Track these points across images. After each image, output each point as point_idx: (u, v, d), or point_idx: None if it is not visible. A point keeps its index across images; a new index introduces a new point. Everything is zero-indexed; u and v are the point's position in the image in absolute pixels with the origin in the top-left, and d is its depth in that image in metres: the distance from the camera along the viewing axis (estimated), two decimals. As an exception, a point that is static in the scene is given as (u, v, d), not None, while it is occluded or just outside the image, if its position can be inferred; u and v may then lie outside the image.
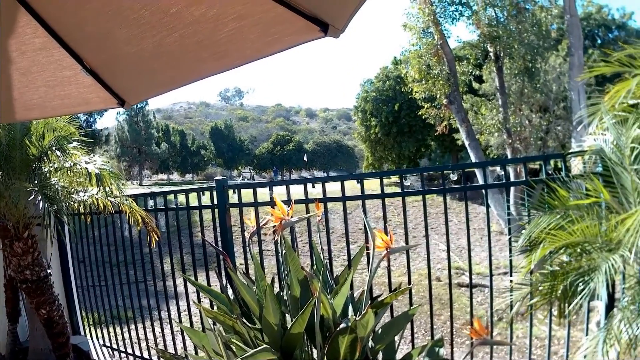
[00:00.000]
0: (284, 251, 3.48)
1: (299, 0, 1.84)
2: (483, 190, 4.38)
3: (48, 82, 2.85)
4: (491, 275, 4.23)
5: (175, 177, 79.47)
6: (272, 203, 4.26)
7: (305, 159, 74.24)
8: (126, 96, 2.94)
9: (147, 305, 6.05)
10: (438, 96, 15.59)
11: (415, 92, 16.37)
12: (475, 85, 19.27)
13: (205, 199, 4.94)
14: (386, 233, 3.56)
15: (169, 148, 68.32)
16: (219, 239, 4.82)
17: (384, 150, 33.98)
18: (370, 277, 3.34)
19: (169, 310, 5.46)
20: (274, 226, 3.30)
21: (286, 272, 3.49)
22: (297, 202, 4.35)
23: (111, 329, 6.14)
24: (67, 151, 4.40)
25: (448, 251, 4.20)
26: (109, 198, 4.62)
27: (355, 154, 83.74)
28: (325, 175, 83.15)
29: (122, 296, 6.13)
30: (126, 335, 6.10)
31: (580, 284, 3.37)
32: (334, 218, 17.85)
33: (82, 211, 4.87)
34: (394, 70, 33.91)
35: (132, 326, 5.98)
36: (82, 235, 6.04)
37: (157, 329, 5.93)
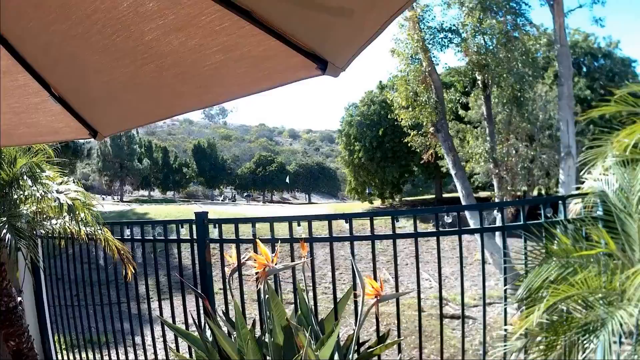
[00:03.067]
0: (266, 295, 3.25)
1: (295, 33, 1.57)
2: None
3: (13, 108, 2.59)
4: (485, 310, 4.02)
5: (157, 193, 78.84)
6: (254, 241, 4.02)
7: (287, 180, 74.11)
8: (99, 127, 2.69)
9: (127, 328, 5.74)
10: (424, 124, 15.43)
11: (402, 119, 16.19)
12: (461, 112, 19.16)
13: (185, 232, 4.67)
14: (375, 277, 3.33)
15: (151, 164, 67.87)
16: (197, 274, 4.54)
17: (367, 174, 33.78)
18: (358, 327, 3.15)
19: (143, 337, 5.17)
20: (256, 272, 3.06)
21: (269, 315, 3.27)
22: (282, 240, 4.12)
23: (84, 355, 5.82)
24: (39, 179, 4.11)
25: (440, 305, 3.97)
26: (81, 228, 4.33)
27: (337, 176, 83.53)
28: (307, 198, 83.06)
29: (96, 319, 5.77)
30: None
31: (585, 342, 3.16)
32: (317, 251, 17.57)
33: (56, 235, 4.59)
34: (379, 95, 33.84)
35: (105, 351, 5.63)
36: (56, 255, 5.73)
37: (132, 356, 5.61)
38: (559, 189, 13.53)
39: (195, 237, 4.53)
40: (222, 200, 66.27)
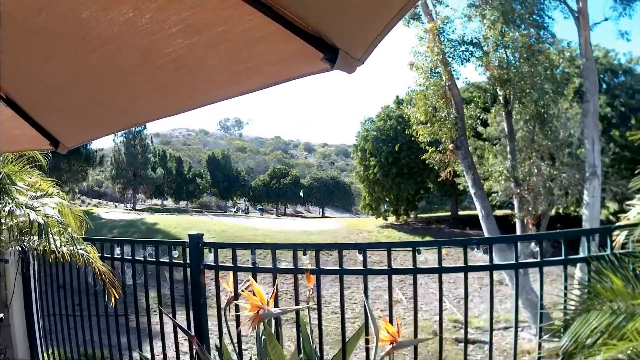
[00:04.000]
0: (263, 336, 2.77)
1: (291, 6, 1.04)
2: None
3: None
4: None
5: (170, 203, 78.66)
6: (253, 269, 3.55)
7: (301, 194, 73.87)
8: (61, 136, 2.24)
9: (124, 343, 5.20)
10: (443, 140, 14.93)
11: (420, 135, 15.69)
12: (480, 129, 18.61)
13: (178, 254, 4.18)
14: (391, 316, 2.87)
15: (164, 174, 67.63)
16: (189, 300, 4.05)
17: (382, 190, 33.34)
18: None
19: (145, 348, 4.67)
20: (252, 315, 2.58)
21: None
22: (285, 271, 3.62)
23: None
24: (9, 193, 3.63)
25: (465, 341, 3.45)
26: (58, 247, 3.84)
27: (352, 191, 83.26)
28: (321, 212, 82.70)
29: (91, 331, 5.26)
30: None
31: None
32: (325, 281, 17.14)
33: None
34: (395, 110, 33.49)
35: None
36: (52, 263, 5.25)
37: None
38: (584, 210, 12.95)
39: (188, 261, 4.07)
40: (234, 212, 65.74)
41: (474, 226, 29.42)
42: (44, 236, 3.38)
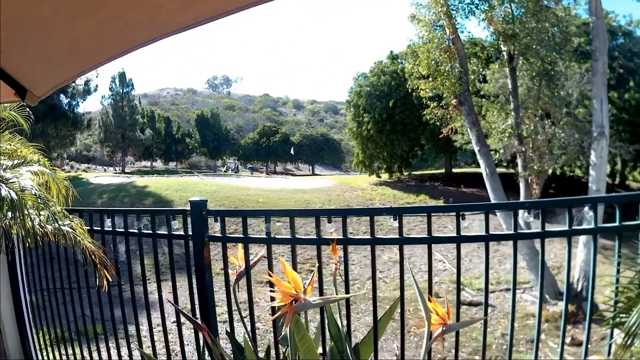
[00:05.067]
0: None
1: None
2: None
3: None
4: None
5: (159, 164, 78.27)
6: (268, 240, 3.05)
7: (292, 152, 73.70)
8: (28, 84, 1.91)
9: (118, 317, 4.70)
10: (446, 95, 14.41)
11: (421, 89, 15.15)
12: (479, 85, 18.09)
13: (178, 224, 3.67)
14: (431, 290, 2.44)
15: (153, 135, 67.21)
16: (193, 279, 3.55)
17: (375, 147, 32.93)
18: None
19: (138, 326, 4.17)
20: (278, 308, 2.06)
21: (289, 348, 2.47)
22: (306, 241, 3.14)
23: (75, 350, 4.82)
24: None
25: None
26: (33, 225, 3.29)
27: (341, 148, 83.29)
28: (311, 169, 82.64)
29: (80, 304, 4.74)
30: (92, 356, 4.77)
31: None
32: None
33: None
34: (389, 65, 33.13)
35: (99, 345, 4.63)
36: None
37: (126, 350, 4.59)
38: (590, 171, 12.53)
39: (190, 232, 3.53)
40: (224, 172, 65.35)
41: (468, 184, 29.23)
42: (17, 214, 2.83)
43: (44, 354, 5.09)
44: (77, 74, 1.93)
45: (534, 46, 13.69)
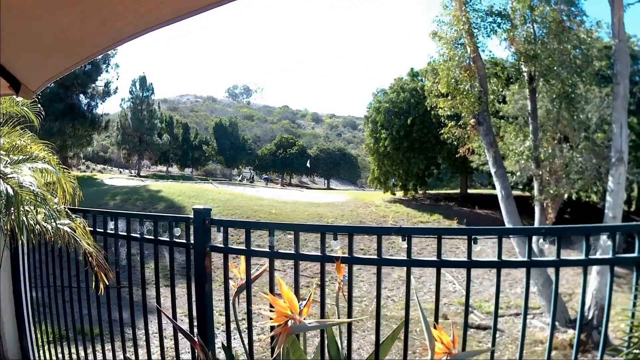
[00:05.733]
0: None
1: None
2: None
3: None
4: None
5: (175, 170, 78.70)
6: (270, 254, 2.94)
7: (307, 164, 73.71)
8: (22, 77, 1.87)
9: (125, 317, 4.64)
10: (464, 114, 14.31)
11: (440, 107, 15.06)
12: (498, 105, 17.97)
13: (181, 232, 3.60)
14: (437, 320, 2.31)
15: (170, 140, 67.44)
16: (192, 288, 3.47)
17: (391, 164, 32.87)
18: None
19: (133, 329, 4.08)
20: (276, 327, 1.96)
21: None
22: (309, 258, 3.02)
23: (73, 349, 4.72)
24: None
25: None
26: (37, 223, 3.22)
27: (358, 163, 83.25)
28: (326, 183, 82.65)
29: (79, 304, 4.66)
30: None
31: None
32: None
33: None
34: (409, 82, 33.10)
35: (100, 346, 4.54)
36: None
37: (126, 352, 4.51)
38: (607, 197, 12.35)
39: (192, 241, 3.45)
40: (239, 181, 65.46)
41: (483, 205, 29.01)
42: (13, 210, 2.75)
43: (42, 352, 5.04)
44: (69, 67, 1.89)
45: (555, 68, 13.57)
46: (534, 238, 3.22)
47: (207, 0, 1.28)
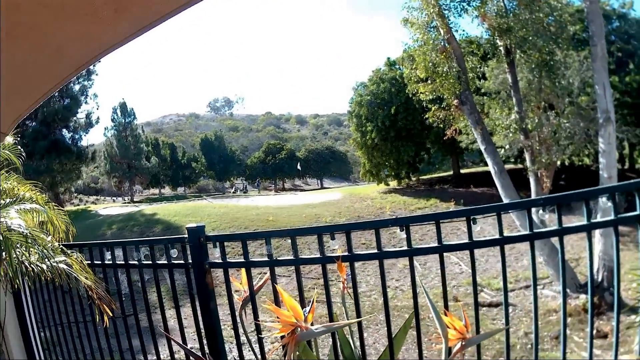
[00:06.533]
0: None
1: None
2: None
3: None
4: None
5: (167, 191, 78.37)
6: (270, 263, 2.90)
7: (299, 167, 73.72)
8: None
9: (125, 348, 4.59)
10: (446, 96, 14.29)
11: (421, 92, 15.04)
12: (479, 83, 17.96)
13: (176, 253, 3.54)
14: (446, 300, 2.27)
15: (159, 162, 67.18)
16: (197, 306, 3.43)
17: (381, 156, 32.88)
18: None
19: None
20: (282, 337, 1.91)
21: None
22: (310, 261, 3.00)
23: None
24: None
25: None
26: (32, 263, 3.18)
27: (348, 159, 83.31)
28: (319, 183, 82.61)
29: (88, 338, 4.62)
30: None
31: None
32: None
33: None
34: (388, 72, 33.17)
35: None
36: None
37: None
38: (600, 159, 12.34)
39: (190, 260, 3.40)
40: (233, 193, 65.25)
41: (478, 184, 29.03)
42: (5, 254, 2.71)
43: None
44: (33, 103, 1.86)
45: (530, 38, 13.58)
46: (533, 209, 3.19)
47: (155, 15, 1.22)
